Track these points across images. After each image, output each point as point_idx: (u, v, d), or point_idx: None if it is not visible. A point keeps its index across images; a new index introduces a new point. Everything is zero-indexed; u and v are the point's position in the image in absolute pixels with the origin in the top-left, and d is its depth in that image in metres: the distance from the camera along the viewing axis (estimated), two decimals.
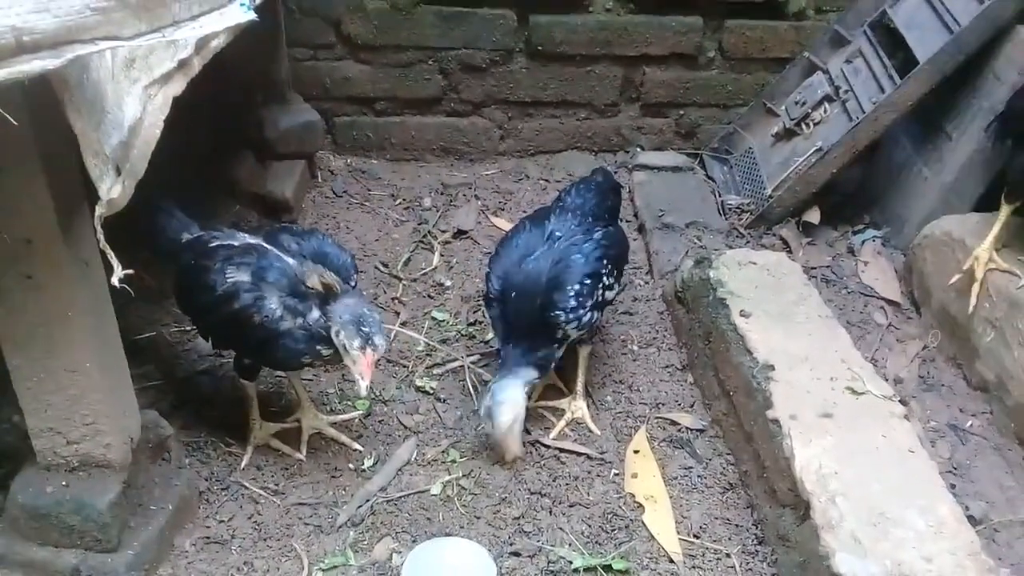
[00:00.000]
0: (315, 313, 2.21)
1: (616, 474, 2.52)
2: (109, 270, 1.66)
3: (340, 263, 2.33)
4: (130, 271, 1.65)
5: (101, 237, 1.62)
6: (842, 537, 1.94)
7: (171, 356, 2.84)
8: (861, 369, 2.40)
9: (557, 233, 2.53)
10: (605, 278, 2.52)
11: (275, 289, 2.21)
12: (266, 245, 2.31)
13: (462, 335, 3.03)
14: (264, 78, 3.52)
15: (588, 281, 2.45)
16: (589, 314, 2.47)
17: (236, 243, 2.32)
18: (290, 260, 2.27)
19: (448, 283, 3.27)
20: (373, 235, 3.48)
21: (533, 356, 2.44)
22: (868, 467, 2.10)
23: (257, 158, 3.57)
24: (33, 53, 1.36)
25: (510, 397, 2.39)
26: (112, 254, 1.63)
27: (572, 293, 2.42)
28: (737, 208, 3.64)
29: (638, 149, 3.98)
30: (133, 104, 1.73)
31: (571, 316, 2.42)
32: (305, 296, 2.22)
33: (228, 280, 2.23)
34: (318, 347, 2.24)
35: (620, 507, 2.42)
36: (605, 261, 2.52)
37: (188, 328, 2.94)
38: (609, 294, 2.59)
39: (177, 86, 1.89)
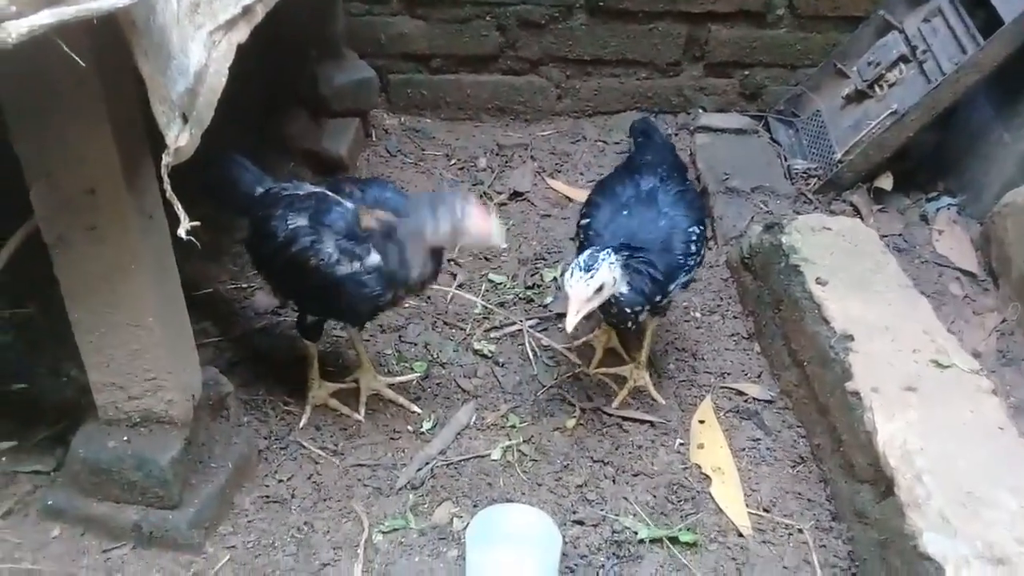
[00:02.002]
0: (373, 257, 2.14)
1: (681, 444, 2.45)
2: (172, 224, 1.61)
3: (400, 208, 2.24)
4: (197, 223, 1.60)
5: (168, 187, 1.57)
6: (930, 516, 1.85)
7: (228, 313, 2.81)
8: (945, 341, 2.29)
9: (654, 184, 2.40)
10: (704, 223, 2.45)
11: (331, 232, 2.14)
12: (328, 192, 2.26)
13: (520, 298, 2.96)
14: (319, 33, 3.44)
15: (700, 227, 2.37)
16: (694, 260, 2.37)
17: (301, 192, 2.28)
18: (350, 204, 2.21)
19: (504, 245, 3.18)
20: None
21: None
22: (955, 444, 2.00)
23: (311, 115, 3.51)
24: None
25: (604, 270, 2.07)
26: (179, 205, 1.58)
27: (695, 238, 2.33)
28: (804, 173, 3.50)
29: (700, 110, 3.85)
30: (198, 50, 1.67)
31: (691, 262, 2.33)
32: (363, 239, 2.14)
33: (289, 226, 2.18)
34: (396, 285, 2.16)
35: (686, 478, 2.35)
36: (704, 210, 2.46)
37: (245, 285, 2.91)
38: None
39: (241, 33, 1.83)
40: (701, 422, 2.50)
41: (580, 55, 3.74)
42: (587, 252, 2.11)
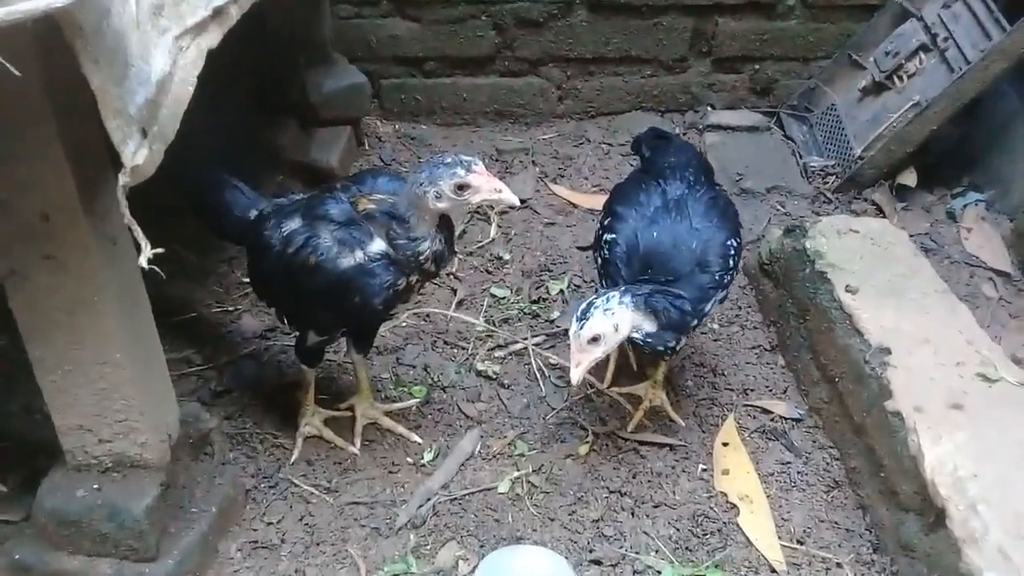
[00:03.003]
0: (377, 243, 1.95)
1: (704, 469, 2.26)
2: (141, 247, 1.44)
3: (399, 191, 2.03)
4: (160, 250, 1.42)
5: (126, 211, 1.39)
6: (988, 553, 1.66)
7: (213, 339, 2.63)
8: (990, 352, 2.10)
9: (680, 192, 2.19)
10: (739, 234, 2.25)
11: (326, 222, 1.97)
12: (320, 194, 2.10)
13: (524, 314, 2.77)
14: (306, 38, 3.27)
15: (737, 240, 2.18)
16: (730, 276, 2.18)
17: (293, 200, 2.14)
18: (343, 196, 2.04)
19: (507, 257, 3.01)
20: None
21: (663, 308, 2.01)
22: (1011, 467, 1.81)
23: (300, 124, 3.34)
24: None
25: (616, 312, 1.92)
26: (139, 231, 1.40)
27: (732, 251, 2.13)
28: (821, 171, 3.33)
29: (709, 108, 3.67)
30: (161, 57, 1.50)
31: (727, 279, 2.13)
32: (362, 225, 1.95)
33: (283, 231, 2.01)
34: (408, 268, 1.97)
35: (711, 508, 2.16)
36: (738, 217, 2.27)
37: (231, 308, 2.74)
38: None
39: (212, 38, 1.66)
40: (725, 444, 2.31)
41: (581, 54, 3.56)
42: (588, 299, 1.96)
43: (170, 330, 2.59)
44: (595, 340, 1.93)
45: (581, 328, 1.92)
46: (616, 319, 1.93)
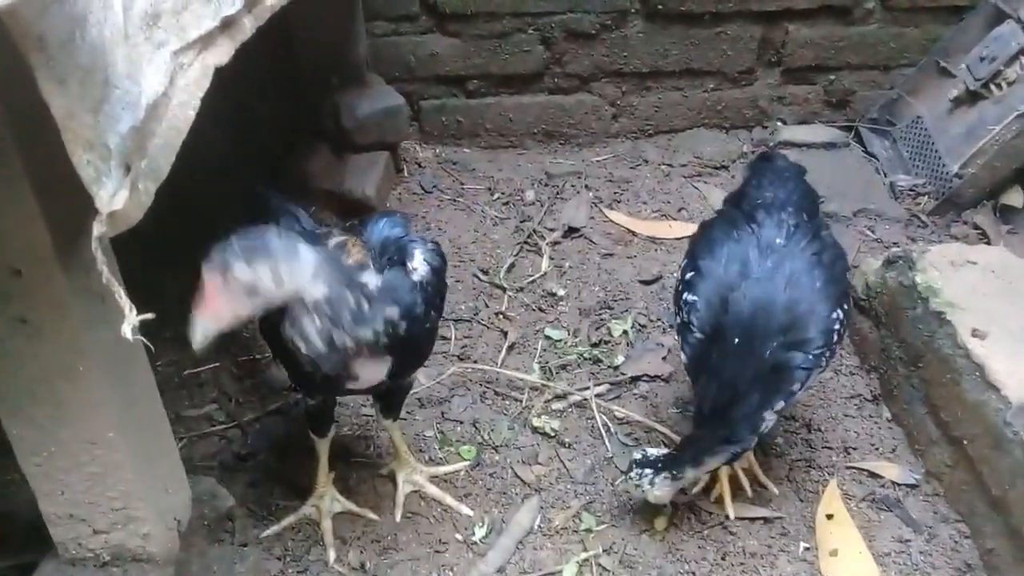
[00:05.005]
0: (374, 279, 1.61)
1: (806, 549, 1.92)
2: (150, 295, 1.15)
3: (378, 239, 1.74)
4: (149, 315, 1.14)
5: (104, 267, 1.11)
6: None
7: (237, 392, 2.35)
8: None
9: (777, 241, 1.87)
10: (848, 300, 1.92)
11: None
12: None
13: (584, 359, 2.45)
14: (339, 57, 3.04)
15: (843, 309, 1.85)
16: (831, 354, 1.84)
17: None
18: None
19: (561, 292, 2.70)
20: (469, 236, 2.94)
21: (732, 432, 1.81)
22: None
23: (333, 150, 3.09)
24: None
25: (665, 493, 1.90)
26: (120, 291, 1.12)
27: (821, 330, 1.79)
28: (911, 190, 2.98)
29: (779, 124, 3.36)
30: (155, 76, 1.23)
31: (811, 362, 1.78)
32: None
33: None
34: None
35: None
36: (848, 273, 1.94)
37: (258, 356, 2.46)
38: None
39: (220, 53, 1.39)
40: (829, 517, 1.97)
41: (637, 67, 3.27)
42: (634, 456, 1.93)
43: (188, 383, 2.34)
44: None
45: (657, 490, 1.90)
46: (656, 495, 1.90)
